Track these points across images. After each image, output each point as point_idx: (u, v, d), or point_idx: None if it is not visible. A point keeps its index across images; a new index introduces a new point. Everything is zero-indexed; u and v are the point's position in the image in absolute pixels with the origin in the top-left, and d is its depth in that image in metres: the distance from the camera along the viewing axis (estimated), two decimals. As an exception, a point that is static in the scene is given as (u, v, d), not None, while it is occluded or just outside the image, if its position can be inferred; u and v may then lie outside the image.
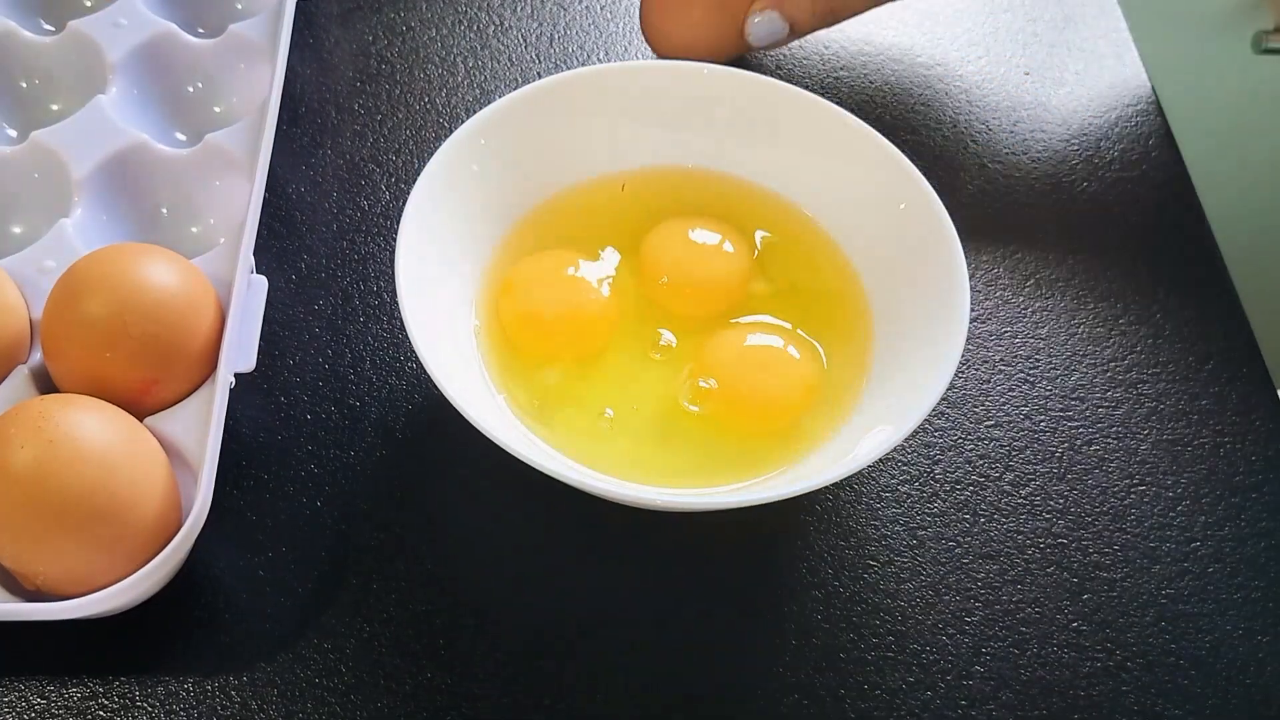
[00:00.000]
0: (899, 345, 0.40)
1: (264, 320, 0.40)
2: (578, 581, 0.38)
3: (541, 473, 0.33)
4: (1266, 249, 0.71)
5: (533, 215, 0.44)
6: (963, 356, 0.37)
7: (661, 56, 0.51)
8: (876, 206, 0.42)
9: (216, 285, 0.40)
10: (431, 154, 0.40)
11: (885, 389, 0.39)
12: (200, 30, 0.51)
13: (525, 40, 0.55)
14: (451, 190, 0.41)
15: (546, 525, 0.40)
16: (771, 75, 0.53)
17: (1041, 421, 0.43)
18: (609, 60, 0.54)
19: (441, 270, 0.40)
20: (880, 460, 0.41)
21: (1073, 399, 0.39)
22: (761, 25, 0.47)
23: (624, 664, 0.37)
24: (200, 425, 0.37)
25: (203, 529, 0.35)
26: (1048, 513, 0.41)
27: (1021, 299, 0.47)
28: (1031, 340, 0.46)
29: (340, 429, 0.41)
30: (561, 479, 0.34)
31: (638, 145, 0.45)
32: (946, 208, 0.40)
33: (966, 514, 0.41)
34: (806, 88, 0.44)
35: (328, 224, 0.47)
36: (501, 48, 0.55)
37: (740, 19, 0.48)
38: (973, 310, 0.45)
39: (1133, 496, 0.41)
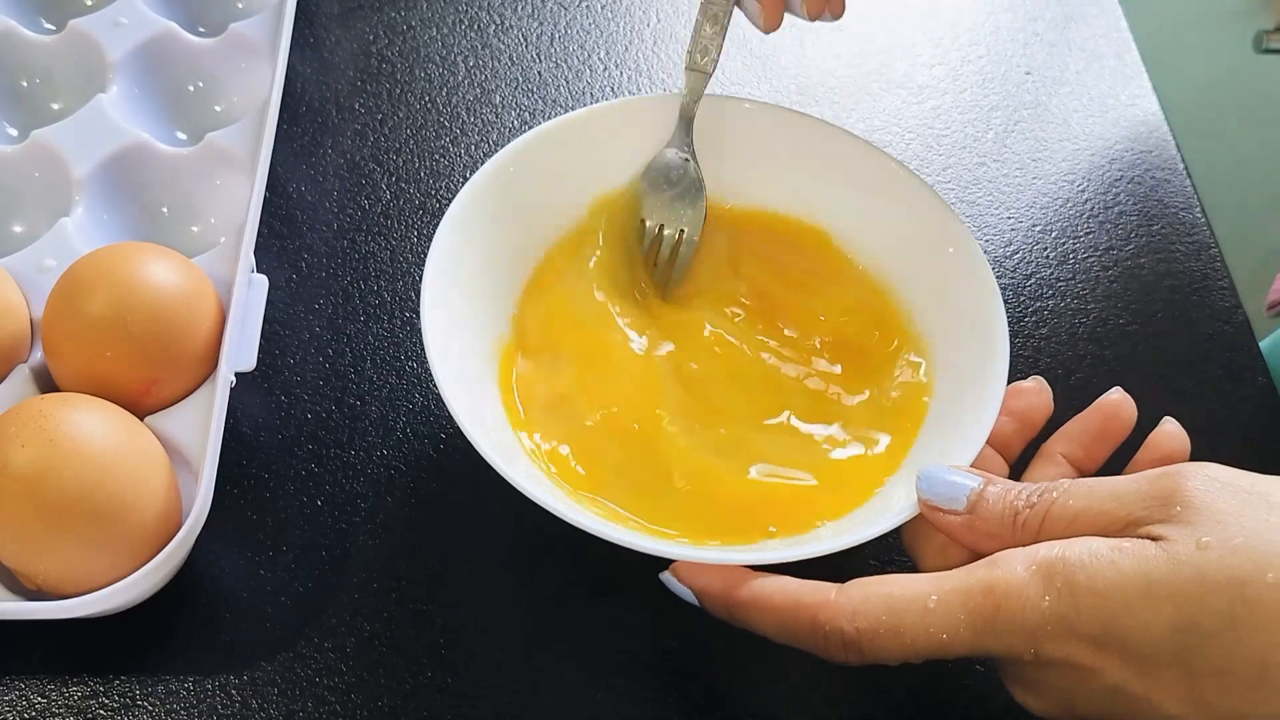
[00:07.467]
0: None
1: (264, 319, 0.40)
2: (577, 581, 0.38)
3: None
4: (1267, 247, 0.72)
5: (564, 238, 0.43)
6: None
7: None
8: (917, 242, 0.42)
9: (217, 284, 0.40)
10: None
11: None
12: (201, 29, 0.51)
13: (526, 39, 0.55)
14: (481, 219, 0.40)
15: (547, 525, 0.40)
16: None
17: (1042, 421, 0.43)
18: (608, 59, 0.54)
19: (471, 290, 0.40)
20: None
21: (1073, 399, 0.39)
22: None
23: (624, 664, 0.37)
24: (200, 424, 0.37)
25: (203, 528, 0.35)
26: (1048, 513, 0.41)
27: (1022, 299, 0.47)
28: (1032, 340, 0.46)
29: (340, 428, 0.41)
30: (583, 528, 0.33)
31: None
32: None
33: (966, 514, 0.41)
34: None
35: (328, 223, 0.47)
36: (502, 47, 0.55)
37: None
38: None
39: (1133, 497, 0.41)
